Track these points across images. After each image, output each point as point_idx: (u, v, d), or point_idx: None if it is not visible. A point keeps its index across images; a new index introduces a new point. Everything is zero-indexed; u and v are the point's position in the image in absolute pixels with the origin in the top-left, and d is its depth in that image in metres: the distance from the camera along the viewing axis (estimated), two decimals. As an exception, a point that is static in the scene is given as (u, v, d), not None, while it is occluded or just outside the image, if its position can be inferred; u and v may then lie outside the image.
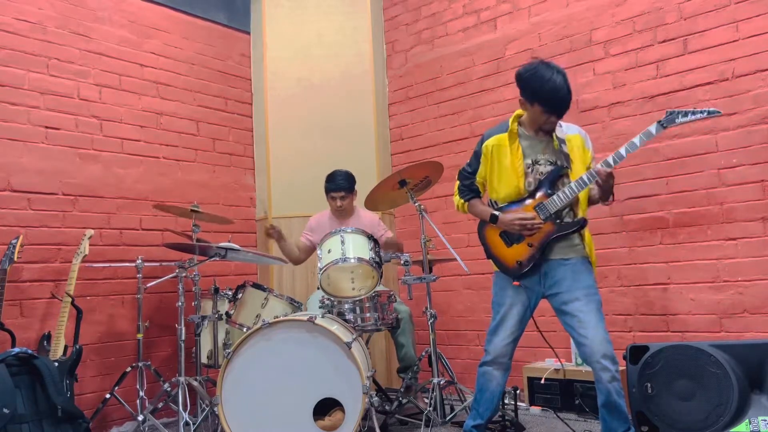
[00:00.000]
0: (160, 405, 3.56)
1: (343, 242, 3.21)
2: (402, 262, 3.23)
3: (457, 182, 2.93)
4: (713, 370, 2.78)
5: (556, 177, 2.68)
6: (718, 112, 2.51)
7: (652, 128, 2.55)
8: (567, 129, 2.75)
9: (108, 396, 3.57)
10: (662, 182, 3.57)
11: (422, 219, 3.32)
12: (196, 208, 3.60)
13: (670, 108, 3.53)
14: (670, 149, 3.56)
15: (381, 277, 3.26)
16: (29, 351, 3.02)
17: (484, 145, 2.77)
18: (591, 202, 2.74)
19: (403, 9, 4.87)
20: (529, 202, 2.69)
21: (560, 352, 3.83)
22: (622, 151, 2.56)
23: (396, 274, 4.66)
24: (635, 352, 2.97)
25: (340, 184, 3.85)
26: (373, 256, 3.22)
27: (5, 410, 2.79)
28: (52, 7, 3.75)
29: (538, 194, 2.68)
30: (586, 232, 2.71)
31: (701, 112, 2.51)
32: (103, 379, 3.72)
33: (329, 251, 3.23)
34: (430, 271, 3.32)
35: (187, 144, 4.36)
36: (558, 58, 3.99)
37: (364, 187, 3.79)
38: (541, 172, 2.69)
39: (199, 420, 3.38)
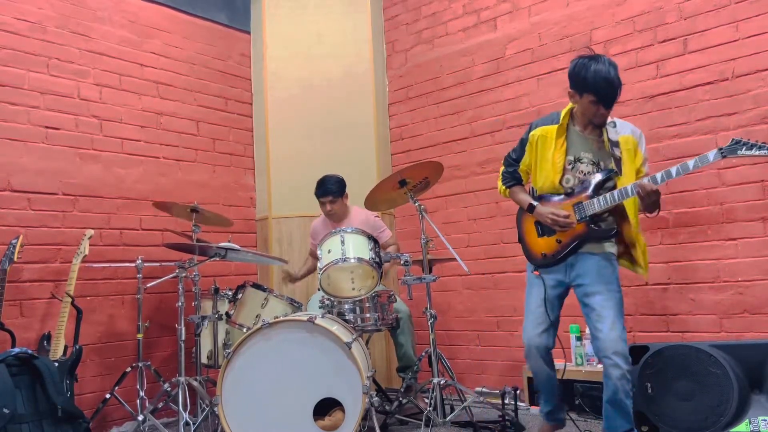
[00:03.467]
0: (160, 405, 3.56)
1: (343, 242, 3.22)
2: (402, 262, 3.23)
3: (502, 167, 2.98)
4: (713, 370, 2.78)
5: (604, 180, 2.67)
6: None
7: (711, 155, 2.47)
8: (621, 128, 2.72)
9: (108, 396, 3.57)
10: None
11: (422, 219, 3.32)
12: (196, 208, 3.61)
13: (671, 108, 3.56)
14: (670, 149, 3.56)
15: (381, 277, 3.27)
16: (29, 351, 3.02)
17: (530, 134, 2.80)
18: (640, 209, 2.69)
19: (403, 9, 4.87)
20: (569, 198, 2.71)
21: (560, 352, 3.83)
22: (673, 171, 2.54)
23: (396, 274, 4.66)
24: (635, 352, 2.96)
25: (327, 189, 3.87)
26: (373, 256, 3.23)
27: (5, 410, 2.80)
28: (52, 7, 3.75)
29: (581, 193, 2.69)
30: (638, 236, 2.69)
31: (764, 147, 2.40)
32: (103, 379, 3.72)
33: (329, 251, 3.23)
34: (430, 271, 3.32)
35: (187, 144, 4.36)
36: (558, 58, 3.99)
37: (364, 187, 3.79)
38: (582, 171, 2.71)
39: (199, 420, 3.38)
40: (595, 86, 2.57)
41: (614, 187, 2.65)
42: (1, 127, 3.48)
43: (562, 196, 2.74)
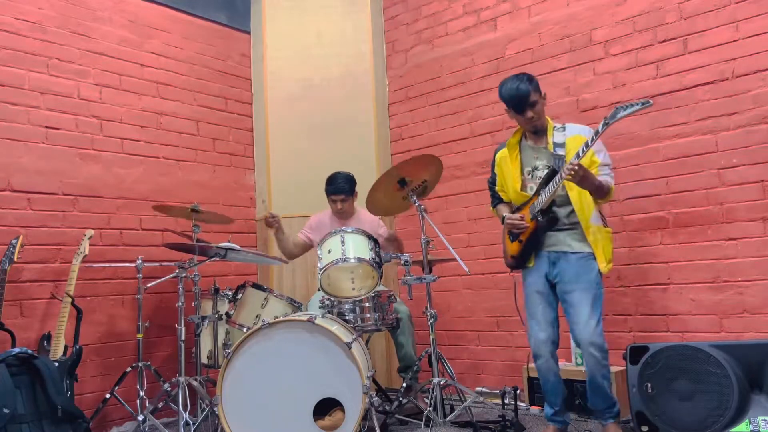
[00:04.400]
0: (160, 405, 3.56)
1: (343, 242, 3.22)
2: (402, 262, 3.24)
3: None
4: (713, 370, 2.78)
5: (548, 179, 2.89)
6: (649, 102, 2.55)
7: (600, 127, 2.65)
8: (570, 131, 2.96)
9: (108, 396, 3.57)
10: (662, 182, 3.57)
11: (422, 219, 3.32)
12: (196, 208, 3.60)
13: (671, 108, 3.56)
14: (670, 149, 3.56)
15: (381, 277, 3.26)
16: (29, 351, 3.02)
17: (495, 157, 3.17)
18: (597, 202, 2.93)
19: (403, 9, 4.87)
20: (529, 203, 2.98)
21: (561, 352, 3.82)
22: (579, 152, 2.71)
23: (396, 274, 4.66)
24: (635, 352, 2.97)
25: (340, 187, 3.85)
26: (373, 256, 3.23)
27: (5, 410, 2.80)
28: (52, 7, 3.75)
29: (534, 196, 2.95)
30: (597, 230, 2.87)
31: (637, 104, 2.55)
32: (103, 379, 3.72)
33: (329, 251, 3.23)
34: (430, 271, 3.32)
35: (187, 144, 4.36)
36: (558, 58, 3.99)
37: (364, 187, 3.78)
38: (540, 177, 2.96)
39: (199, 420, 3.39)
40: (507, 100, 2.96)
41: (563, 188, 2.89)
42: (1, 127, 3.48)
43: (525, 203, 3.01)
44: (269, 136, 4.66)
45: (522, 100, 2.90)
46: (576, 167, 2.67)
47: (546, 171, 2.92)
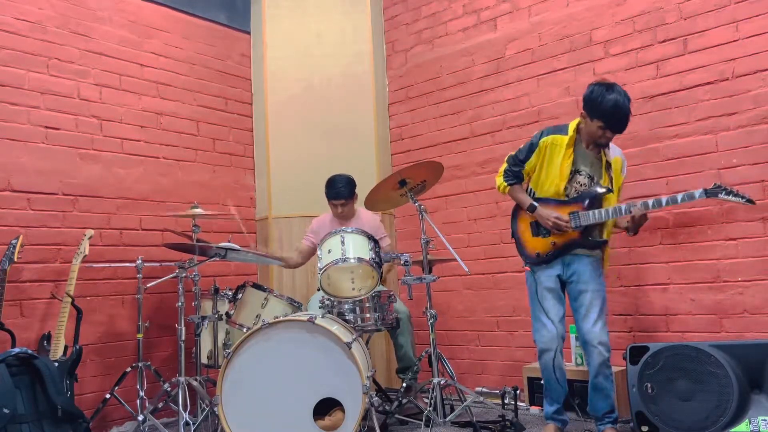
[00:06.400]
0: (160, 405, 3.56)
1: (343, 242, 3.21)
2: (402, 262, 3.23)
3: (505, 165, 3.16)
4: (713, 370, 2.78)
5: (600, 196, 2.95)
6: (753, 202, 2.78)
7: (696, 193, 2.78)
8: (612, 151, 3.04)
9: (108, 396, 3.57)
10: (662, 182, 3.57)
11: (422, 219, 3.32)
12: (196, 208, 3.60)
13: (671, 108, 3.56)
14: (670, 149, 3.56)
15: (381, 277, 3.26)
16: (29, 351, 3.02)
17: (542, 140, 3.02)
18: (617, 226, 3.04)
19: (403, 9, 4.87)
20: (566, 206, 2.97)
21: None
22: (663, 200, 2.83)
23: (396, 274, 4.66)
24: (635, 352, 2.97)
25: (340, 191, 3.83)
26: (373, 256, 3.22)
27: (5, 410, 2.80)
28: (52, 7, 3.75)
29: (577, 203, 2.96)
30: (606, 244, 3.09)
31: (741, 197, 2.73)
32: (103, 379, 3.72)
33: (329, 251, 3.23)
34: (430, 271, 3.32)
35: (187, 144, 4.36)
36: (558, 58, 3.99)
37: (364, 187, 3.78)
38: (579, 182, 2.99)
39: (199, 420, 3.39)
40: (611, 116, 2.83)
41: (602, 204, 2.95)
42: (1, 127, 3.48)
43: (559, 202, 2.99)
44: (269, 136, 4.66)
45: (626, 124, 2.87)
46: (645, 216, 2.88)
47: (587, 179, 2.98)
